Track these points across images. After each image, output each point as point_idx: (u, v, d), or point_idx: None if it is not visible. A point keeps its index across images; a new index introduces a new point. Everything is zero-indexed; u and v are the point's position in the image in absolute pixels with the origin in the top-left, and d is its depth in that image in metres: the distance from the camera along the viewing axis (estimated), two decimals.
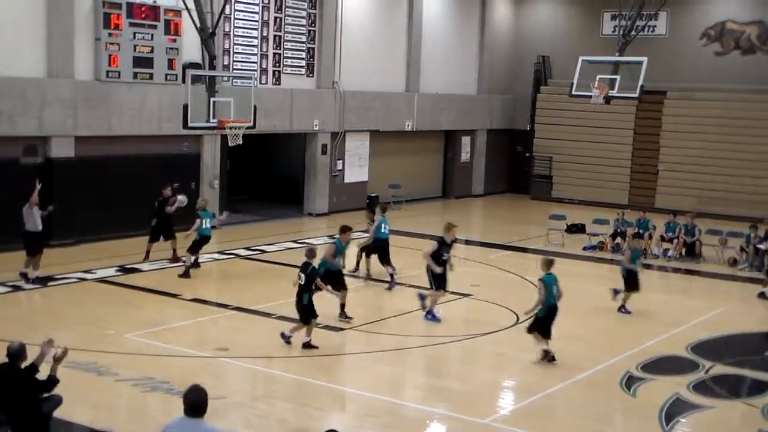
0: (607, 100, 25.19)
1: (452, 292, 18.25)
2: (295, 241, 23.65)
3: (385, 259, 19.04)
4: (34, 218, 17.03)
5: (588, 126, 33.98)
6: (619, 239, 23.93)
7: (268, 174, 30.76)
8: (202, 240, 18.86)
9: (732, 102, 32.07)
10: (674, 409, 12.10)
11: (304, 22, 27.65)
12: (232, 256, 21.20)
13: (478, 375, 13.66)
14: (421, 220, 28.99)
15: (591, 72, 25.28)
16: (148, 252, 19.79)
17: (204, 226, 18.73)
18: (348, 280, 16.85)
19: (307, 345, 13.96)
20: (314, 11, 27.86)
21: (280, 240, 23.63)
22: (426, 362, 14.28)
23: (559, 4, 36.69)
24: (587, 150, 34.21)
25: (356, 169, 29.81)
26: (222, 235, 23.26)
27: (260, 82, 25.77)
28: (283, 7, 26.84)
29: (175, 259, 19.64)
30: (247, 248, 22.24)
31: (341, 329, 15.35)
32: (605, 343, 15.36)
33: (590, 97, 25.09)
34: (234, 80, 23.77)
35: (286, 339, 14.12)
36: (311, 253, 14.26)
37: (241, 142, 21.38)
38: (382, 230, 19.24)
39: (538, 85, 36.06)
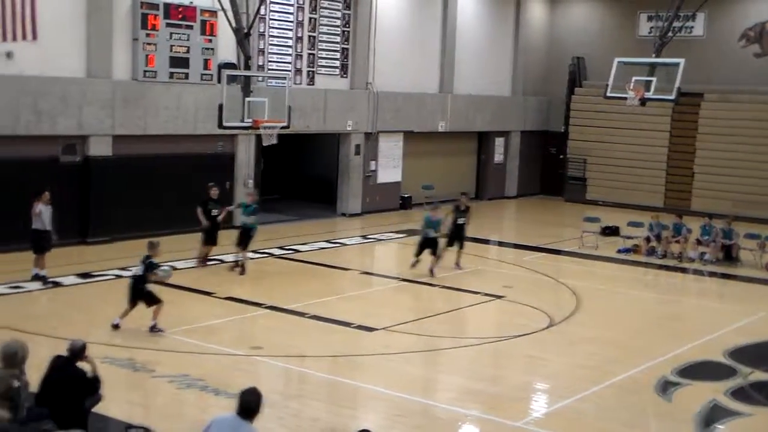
0: (643, 102, 24.99)
1: (485, 294, 18.27)
2: (328, 241, 23.74)
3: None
4: (43, 216, 17.14)
5: (623, 128, 33.73)
6: (654, 242, 23.74)
7: (302, 174, 30.87)
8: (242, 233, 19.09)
9: None
10: (711, 416, 11.97)
11: (338, 22, 27.73)
12: (266, 255, 21.30)
13: (511, 377, 13.61)
14: None
15: (626, 73, 25.11)
16: (205, 257, 19.73)
17: (245, 220, 19.03)
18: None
19: (154, 328, 14.26)
20: (348, 12, 27.93)
21: (314, 240, 23.72)
22: (458, 363, 14.24)
23: (594, 4, 36.46)
24: (622, 152, 33.96)
25: (389, 170, 29.83)
26: (256, 235, 23.37)
27: (294, 83, 25.87)
28: (318, 7, 26.94)
29: (203, 260, 19.68)
30: (281, 248, 22.34)
31: (373, 329, 15.36)
32: (640, 347, 15.24)
33: (626, 98, 24.90)
34: (268, 80, 23.92)
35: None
36: (151, 245, 14.58)
37: (275, 142, 21.49)
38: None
39: (572, 87, 35.85)
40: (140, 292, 14.25)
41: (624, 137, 33.89)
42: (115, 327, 14.26)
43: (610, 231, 26.06)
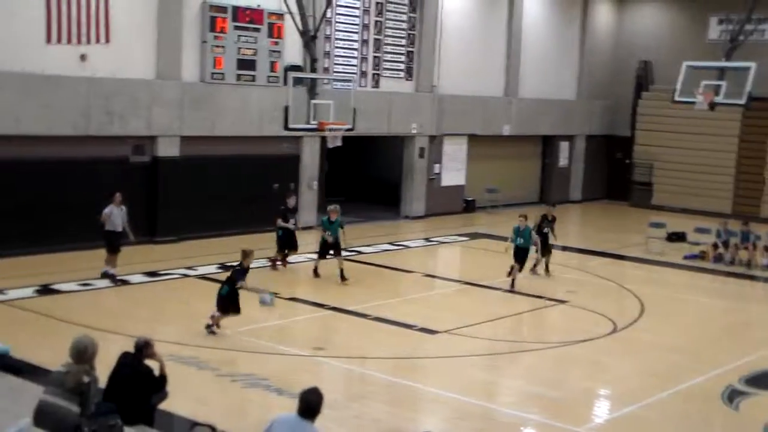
0: (712, 106, 24.61)
1: (548, 299, 18.17)
2: (391, 243, 23.82)
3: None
4: (113, 219, 17.46)
5: (691, 133, 33.19)
6: (722, 249, 23.35)
7: (366, 176, 31.01)
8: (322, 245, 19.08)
9: None
10: None
11: (404, 25, 27.83)
12: (329, 256, 21.42)
13: (573, 382, 13.52)
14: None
15: (695, 78, 24.75)
16: (275, 261, 19.78)
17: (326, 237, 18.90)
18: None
19: (209, 327, 14.22)
20: (414, 15, 28.01)
21: (377, 242, 23.83)
22: (520, 368, 14.21)
23: (663, 7, 35.97)
24: (689, 157, 33.41)
25: (453, 173, 29.81)
26: (318, 235, 23.55)
27: (359, 85, 26.03)
28: (384, 10, 27.07)
29: (275, 263, 19.73)
30: (345, 249, 22.42)
31: (435, 332, 15.39)
32: (707, 355, 15.01)
33: (694, 103, 24.55)
34: (334, 83, 24.12)
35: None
36: (244, 254, 14.50)
37: (340, 144, 21.66)
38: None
39: (639, 91, 35.41)
40: (219, 296, 14.27)
41: (691, 142, 33.36)
42: (209, 329, 14.32)
43: (677, 237, 25.69)
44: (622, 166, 35.88)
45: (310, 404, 7.40)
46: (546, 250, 20.55)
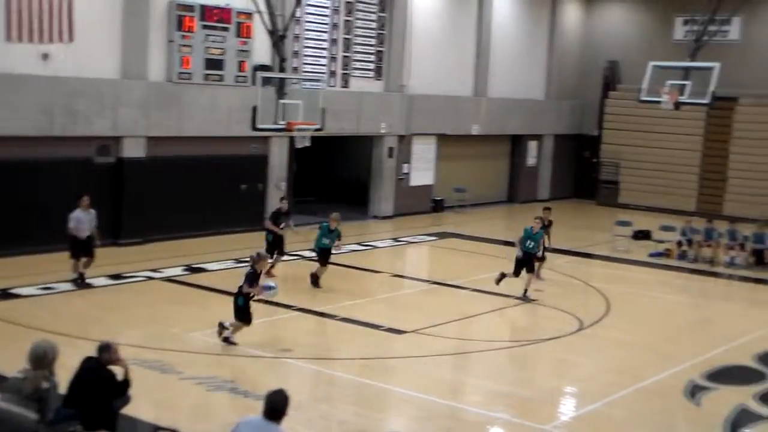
0: (677, 105, 24.84)
1: (515, 297, 18.27)
2: (359, 244, 23.81)
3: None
4: (80, 223, 17.05)
5: (656, 132, 33.53)
6: (686, 246, 23.61)
7: (335, 176, 30.98)
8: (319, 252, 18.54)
9: None
10: (740, 420, 11.92)
11: (373, 25, 27.85)
12: (296, 257, 21.43)
13: (540, 381, 13.63)
14: (485, 225, 28.98)
15: (661, 77, 24.96)
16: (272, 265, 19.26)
17: (323, 241, 18.37)
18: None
19: (227, 339, 13.94)
20: (384, 15, 28.04)
21: (345, 242, 23.69)
22: (487, 367, 14.27)
23: (630, 8, 36.26)
24: (655, 156, 33.76)
25: (422, 173, 29.88)
26: (288, 237, 23.52)
27: (329, 85, 26.02)
28: (353, 10, 27.07)
29: (269, 273, 19.01)
30: (313, 250, 22.39)
31: (402, 332, 15.42)
32: (670, 351, 15.17)
33: (660, 102, 24.77)
34: (303, 83, 24.07)
35: (224, 328, 14.00)
36: (257, 257, 14.23)
37: (309, 144, 21.62)
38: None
39: (606, 90, 35.71)
40: (236, 306, 13.97)
41: (657, 141, 33.70)
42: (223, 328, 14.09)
43: (642, 235, 25.94)
44: (589, 165, 36.15)
45: (276, 406, 7.40)
46: (542, 255, 19.97)
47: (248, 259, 20.24)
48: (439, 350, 14.53)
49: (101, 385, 8.74)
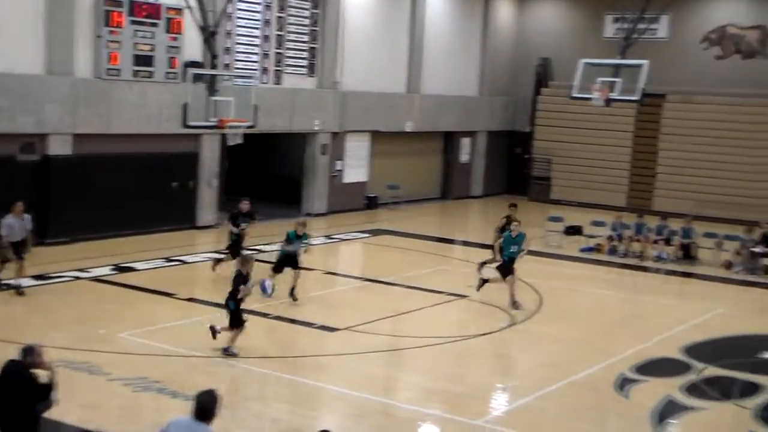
0: (608, 102, 25.15)
1: (448, 293, 18.33)
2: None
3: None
4: (12, 230, 16.44)
5: (588, 128, 33.99)
6: (616, 241, 23.96)
7: (268, 174, 30.76)
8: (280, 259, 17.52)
9: (731, 106, 32.09)
10: (667, 411, 12.14)
11: (306, 21, 27.68)
12: (228, 255, 21.18)
13: (472, 376, 13.67)
14: (419, 221, 29.04)
15: (592, 74, 25.26)
16: (219, 261, 18.87)
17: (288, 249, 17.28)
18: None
19: (227, 351, 13.52)
20: (317, 11, 27.89)
21: (278, 240, 23.49)
22: (420, 363, 14.29)
23: (561, 6, 36.68)
24: (586, 152, 34.22)
25: (355, 170, 29.83)
26: (219, 234, 23.30)
27: (261, 82, 25.80)
28: (286, 6, 26.87)
29: (215, 266, 18.71)
30: (245, 248, 22.18)
31: (335, 329, 15.36)
32: (601, 345, 15.38)
33: (591, 99, 25.06)
34: (235, 79, 23.84)
35: (216, 332, 13.76)
36: (244, 260, 13.95)
37: (241, 142, 21.42)
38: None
39: (539, 87, 36.08)
40: (228, 310, 13.66)
41: (588, 137, 34.16)
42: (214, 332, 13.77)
43: (574, 230, 26.20)
44: (521, 162, 36.50)
45: (205, 406, 7.27)
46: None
47: (178, 258, 20.16)
48: (372, 347, 14.50)
49: (21, 389, 8.49)
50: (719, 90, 32.45)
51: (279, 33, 26.78)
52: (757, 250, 22.22)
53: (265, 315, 15.92)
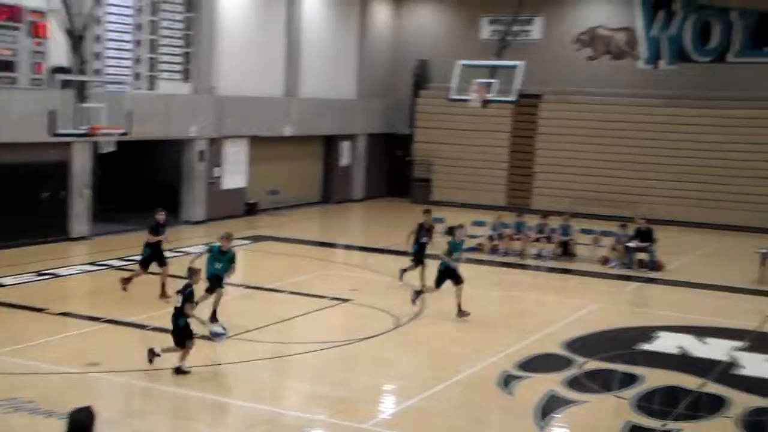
0: (485, 103, 25.56)
1: (331, 298, 18.19)
2: (171, 250, 23.01)
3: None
4: None
5: (467, 129, 34.46)
6: (496, 241, 24.29)
7: (144, 181, 30.00)
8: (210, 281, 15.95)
9: (603, 105, 33.10)
10: (549, 406, 12.31)
11: (180, 26, 27.09)
12: (104, 267, 20.55)
13: (359, 380, 13.58)
14: (301, 226, 28.84)
15: (469, 76, 25.61)
16: (129, 279, 17.60)
17: (216, 270, 15.76)
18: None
19: (179, 370, 13.07)
20: (190, 15, 27.33)
21: None
22: (306, 369, 14.12)
23: (437, 8, 37.07)
24: (466, 153, 34.68)
25: (234, 176, 29.38)
26: (93, 246, 22.57)
27: (134, 88, 25.08)
28: (158, 10, 26.22)
29: (163, 294, 17.26)
30: (121, 258, 21.57)
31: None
32: (484, 343, 15.51)
33: (468, 100, 25.38)
34: (106, 85, 23.11)
35: (155, 355, 13.19)
36: (191, 272, 13.50)
37: (114, 149, 20.77)
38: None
39: (417, 89, 36.36)
40: (176, 327, 12.98)
41: (467, 138, 34.63)
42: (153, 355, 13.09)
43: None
44: (402, 164, 36.70)
45: (80, 424, 6.88)
46: (423, 261, 19.18)
47: (50, 272, 19.38)
48: (257, 355, 14.26)
49: None
50: (592, 90, 33.44)
51: (152, 37, 26.13)
52: (631, 245, 22.89)
53: (143, 327, 15.47)
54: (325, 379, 13.52)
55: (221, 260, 15.79)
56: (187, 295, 13.07)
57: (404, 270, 19.65)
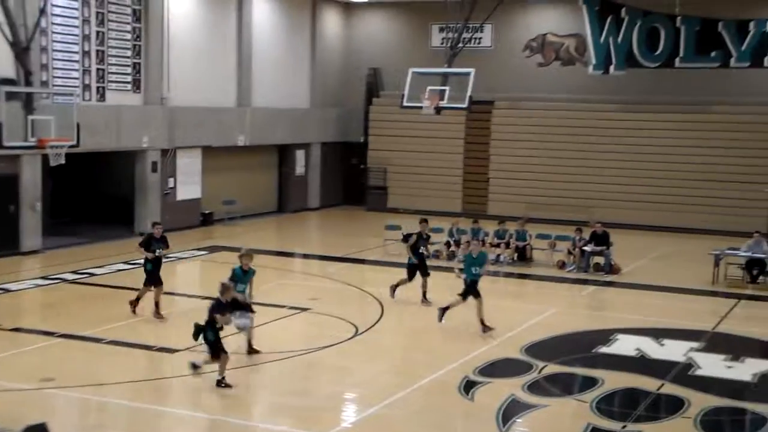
0: (438, 110, 25.61)
1: (291, 307, 18.07)
2: (126, 263, 22.77)
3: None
4: None
5: (420, 136, 34.53)
6: (454, 247, 24.34)
7: (97, 194, 29.62)
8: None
9: (555, 110, 33.38)
10: (510, 410, 12.32)
11: (128, 36, 26.78)
12: (57, 281, 20.21)
13: (320, 388, 13.47)
14: (257, 236, 28.66)
15: (422, 83, 25.66)
16: (138, 300, 16.98)
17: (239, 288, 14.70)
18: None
19: (220, 383, 12.96)
20: (139, 25, 27.04)
21: (110, 262, 22.70)
22: (267, 378, 14.02)
23: (388, 16, 37.12)
24: (421, 160, 34.74)
25: (189, 186, 29.09)
26: (46, 260, 22.20)
27: (83, 99, 24.77)
28: (105, 21, 25.90)
29: (158, 313, 16.83)
30: (74, 272, 21.23)
31: (175, 350, 14.81)
32: (444, 350, 15.50)
33: (421, 108, 25.42)
34: (54, 97, 22.76)
35: (196, 367, 13.03)
36: (224, 288, 13.27)
37: (63, 162, 20.45)
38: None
39: (370, 97, 36.36)
40: (207, 342, 12.83)
41: (422, 145, 34.69)
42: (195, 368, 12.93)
43: None
44: (357, 172, 36.66)
45: None
46: (425, 271, 19.08)
47: (1, 287, 19.01)
48: (215, 366, 14.02)
49: None
50: (544, 95, 33.72)
51: (100, 48, 25.78)
52: (587, 249, 23.06)
53: (99, 340, 15.23)
54: (287, 388, 13.44)
55: (245, 280, 14.80)
56: (214, 307, 12.94)
57: (396, 286, 19.09)
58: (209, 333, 12.91)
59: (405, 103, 25.99)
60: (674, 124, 31.70)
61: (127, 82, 26.88)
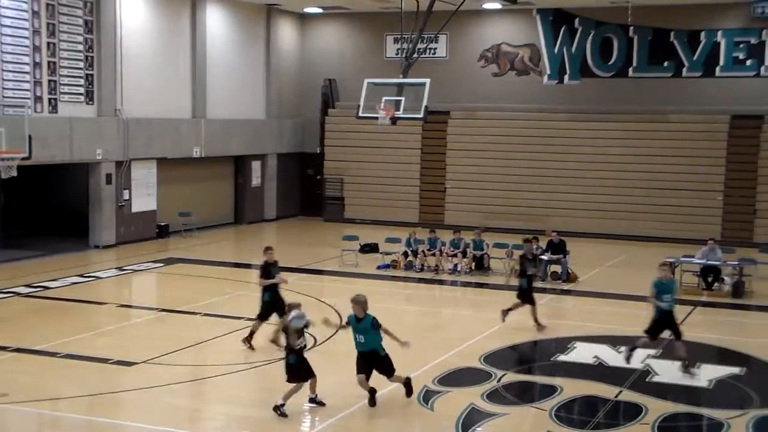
0: (393, 121, 25.60)
1: (248, 318, 17.93)
2: (81, 275, 22.52)
3: None
4: None
5: (377, 147, 34.59)
6: (411, 257, 24.38)
7: (50, 206, 29.25)
8: None
9: (510, 120, 33.62)
10: (470, 419, 12.35)
11: (80, 47, 26.47)
12: (10, 294, 19.88)
13: (278, 400, 13.37)
14: (214, 247, 28.47)
15: (377, 94, 25.65)
16: (252, 334, 16.13)
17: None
18: None
19: (313, 400, 12.99)
20: (91, 36, 26.75)
21: (65, 275, 22.42)
22: (225, 391, 13.91)
23: (343, 27, 37.13)
24: (377, 170, 34.78)
25: (144, 198, 28.82)
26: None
27: (35, 111, 24.42)
28: (57, 31, 25.58)
29: (249, 341, 16.02)
30: (28, 285, 20.92)
31: (133, 363, 14.65)
32: (404, 359, 15.36)
33: (377, 118, 25.43)
34: (5, 109, 22.44)
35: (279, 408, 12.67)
36: (290, 308, 13.21)
37: (15, 174, 20.16)
38: None
39: (326, 108, 36.33)
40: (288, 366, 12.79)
41: (378, 156, 34.75)
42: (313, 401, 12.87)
43: (369, 248, 26.50)
44: (314, 183, 36.60)
45: None
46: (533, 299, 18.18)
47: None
48: (173, 379, 13.94)
49: None
50: (499, 105, 33.95)
51: (51, 60, 25.45)
52: (544, 257, 23.20)
53: (54, 354, 15.02)
54: (246, 400, 13.35)
55: (360, 331, 13.73)
56: (284, 329, 12.97)
57: (508, 310, 18.29)
58: (290, 357, 12.82)
59: (361, 114, 25.95)
60: (629, 133, 32.08)
61: (80, 94, 26.57)
